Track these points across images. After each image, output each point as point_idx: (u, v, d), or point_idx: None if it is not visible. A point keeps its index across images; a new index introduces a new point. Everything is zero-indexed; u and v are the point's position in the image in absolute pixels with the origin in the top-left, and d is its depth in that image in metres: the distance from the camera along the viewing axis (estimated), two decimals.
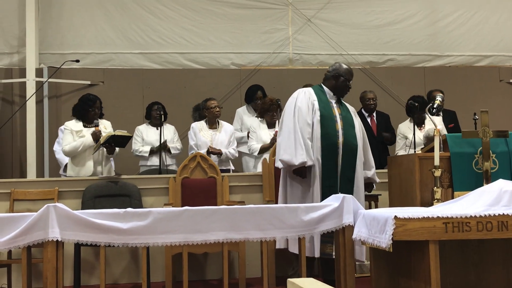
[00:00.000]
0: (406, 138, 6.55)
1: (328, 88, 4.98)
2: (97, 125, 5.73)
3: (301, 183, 4.78)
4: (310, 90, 4.96)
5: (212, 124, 6.42)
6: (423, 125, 6.48)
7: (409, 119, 6.66)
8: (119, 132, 5.65)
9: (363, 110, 7.07)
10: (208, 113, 6.40)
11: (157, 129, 6.57)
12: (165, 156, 6.44)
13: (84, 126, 5.79)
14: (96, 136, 5.66)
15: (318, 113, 4.79)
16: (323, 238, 4.55)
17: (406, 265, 3.61)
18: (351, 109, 5.08)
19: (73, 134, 5.73)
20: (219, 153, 6.19)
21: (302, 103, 4.81)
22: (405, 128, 6.64)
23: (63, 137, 5.84)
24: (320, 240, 4.62)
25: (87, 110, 5.80)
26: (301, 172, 4.71)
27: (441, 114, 6.68)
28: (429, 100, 6.41)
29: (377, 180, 5.07)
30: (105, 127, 5.85)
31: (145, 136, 6.61)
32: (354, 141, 4.83)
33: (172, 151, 6.56)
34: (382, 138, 6.95)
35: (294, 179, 4.80)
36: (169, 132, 6.73)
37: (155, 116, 6.64)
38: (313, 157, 4.73)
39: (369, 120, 7.03)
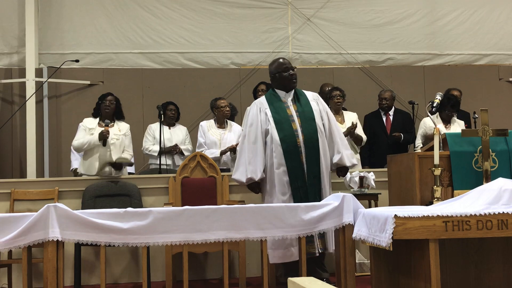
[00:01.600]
0: (426, 133, 6.45)
1: (278, 89, 4.99)
2: (107, 125, 5.77)
3: (270, 190, 4.83)
4: (261, 99, 5.02)
5: (221, 124, 6.47)
6: (449, 124, 6.38)
7: (436, 114, 6.49)
8: (120, 160, 5.70)
9: (379, 109, 7.07)
10: (217, 112, 6.45)
11: (169, 128, 6.64)
12: (169, 157, 6.47)
13: (99, 125, 5.87)
14: (103, 136, 5.70)
15: (271, 120, 4.83)
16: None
17: (406, 264, 3.61)
18: (313, 96, 5.03)
19: (86, 131, 5.84)
20: (232, 149, 6.19)
21: (253, 118, 4.91)
22: (431, 122, 6.49)
23: (77, 133, 5.96)
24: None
25: (98, 105, 5.96)
26: (253, 188, 4.89)
27: (456, 115, 6.55)
28: (448, 100, 6.31)
29: (349, 163, 4.93)
30: (120, 129, 5.89)
31: (157, 135, 6.61)
32: (315, 135, 4.81)
33: (185, 153, 6.55)
34: (394, 138, 6.87)
35: (263, 192, 4.92)
36: (181, 133, 6.74)
37: (170, 116, 6.67)
38: (274, 164, 4.76)
39: (384, 118, 7.02)
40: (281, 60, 5.03)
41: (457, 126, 6.29)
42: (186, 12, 8.38)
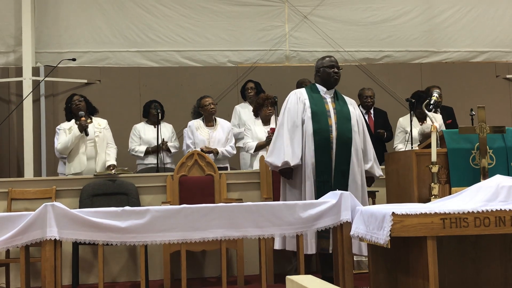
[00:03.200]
0: (406, 132, 6.53)
1: (319, 84, 4.98)
2: (82, 116, 5.90)
3: (296, 181, 4.79)
4: (302, 90, 5.00)
5: (209, 122, 6.42)
6: (425, 121, 6.44)
7: (412, 113, 6.56)
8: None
9: (360, 107, 7.07)
10: (203, 111, 6.40)
11: (155, 127, 6.57)
12: (163, 154, 6.45)
13: (75, 123, 5.97)
14: (82, 126, 5.85)
15: (308, 110, 4.80)
16: (319, 233, 4.55)
17: (404, 261, 3.62)
18: (351, 101, 5.05)
19: (66, 133, 5.95)
20: (214, 152, 6.18)
21: (291, 104, 4.87)
22: (406, 122, 6.60)
23: (58, 137, 6.04)
24: (317, 235, 4.63)
25: (68, 107, 6.12)
26: (285, 173, 4.80)
27: (439, 111, 6.66)
28: (419, 97, 6.38)
29: (377, 174, 4.97)
30: (99, 124, 6.05)
31: (143, 135, 6.63)
32: (349, 134, 4.80)
33: (172, 150, 6.57)
34: (379, 135, 6.94)
35: (291, 181, 4.84)
36: (167, 131, 6.73)
37: (153, 114, 6.64)
38: (305, 155, 4.73)
39: (366, 117, 7.03)
40: (327, 57, 5.03)
41: (434, 121, 6.33)
42: (183, 10, 8.37)
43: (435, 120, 6.32)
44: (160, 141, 6.37)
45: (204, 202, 4.25)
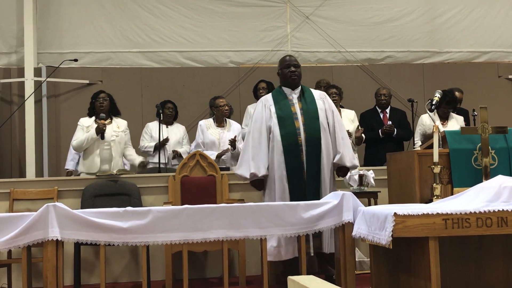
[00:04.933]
0: (426, 132, 6.44)
1: (284, 86, 4.99)
2: (102, 118, 5.81)
3: (271, 187, 4.81)
4: (268, 96, 5.03)
5: (220, 123, 6.45)
6: (446, 121, 6.37)
7: (435, 112, 6.47)
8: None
9: (376, 106, 7.06)
10: (216, 111, 6.44)
11: (167, 127, 6.66)
12: (165, 155, 6.47)
13: (95, 122, 5.91)
14: (99, 129, 5.77)
15: (274, 116, 4.83)
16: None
17: (406, 261, 3.61)
18: (320, 95, 5.02)
19: (84, 130, 5.90)
20: (228, 150, 6.19)
21: (257, 113, 4.93)
22: (428, 120, 6.47)
23: (75, 133, 6.00)
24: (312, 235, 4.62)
25: (92, 104, 6.01)
26: (256, 185, 4.87)
27: (455, 112, 6.54)
28: (444, 96, 6.28)
29: (348, 164, 4.85)
30: (118, 126, 5.97)
31: (154, 134, 6.62)
32: (318, 134, 4.78)
33: (184, 156, 6.52)
34: (391, 134, 6.84)
35: (266, 188, 4.89)
36: (179, 132, 6.75)
37: (168, 114, 6.69)
38: (274, 162, 4.75)
39: (381, 115, 7.01)
40: (285, 57, 5.06)
41: (455, 122, 6.28)
42: (184, 11, 8.38)
43: (457, 121, 6.30)
44: (162, 141, 6.36)
45: (206, 202, 4.25)
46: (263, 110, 4.90)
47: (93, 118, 5.97)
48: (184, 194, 5.54)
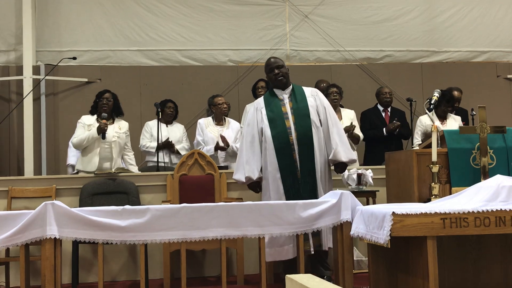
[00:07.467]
0: (426, 131, 6.44)
1: (274, 88, 5.01)
2: (104, 118, 5.78)
3: (267, 188, 4.83)
4: (259, 100, 5.07)
5: (219, 121, 6.46)
6: (445, 120, 6.37)
7: (433, 111, 6.47)
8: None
9: (378, 105, 7.05)
10: (215, 109, 6.45)
11: (167, 126, 6.66)
12: (169, 155, 6.47)
13: (97, 121, 5.87)
14: (101, 129, 5.73)
15: (265, 118, 4.86)
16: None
17: (404, 261, 3.62)
18: (312, 92, 5.02)
19: (85, 128, 5.86)
20: (226, 147, 6.20)
21: (249, 117, 5.00)
22: (427, 120, 6.48)
23: (76, 130, 5.96)
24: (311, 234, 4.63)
25: (96, 102, 5.96)
26: (253, 187, 4.94)
27: (454, 112, 6.54)
28: (443, 95, 6.28)
29: (344, 159, 4.81)
30: (120, 127, 5.94)
31: (155, 132, 6.61)
32: (309, 132, 4.79)
33: (182, 153, 6.52)
34: (393, 133, 6.84)
35: (263, 190, 4.93)
36: (179, 131, 6.75)
37: (168, 113, 6.69)
38: (268, 163, 4.77)
39: (383, 114, 7.00)
40: (268, 60, 5.03)
41: (453, 121, 6.29)
42: (183, 9, 8.37)
43: (455, 121, 6.31)
44: (161, 140, 6.35)
45: (204, 201, 4.26)
46: (255, 113, 4.94)
47: (95, 116, 5.93)
48: (182, 193, 5.54)
